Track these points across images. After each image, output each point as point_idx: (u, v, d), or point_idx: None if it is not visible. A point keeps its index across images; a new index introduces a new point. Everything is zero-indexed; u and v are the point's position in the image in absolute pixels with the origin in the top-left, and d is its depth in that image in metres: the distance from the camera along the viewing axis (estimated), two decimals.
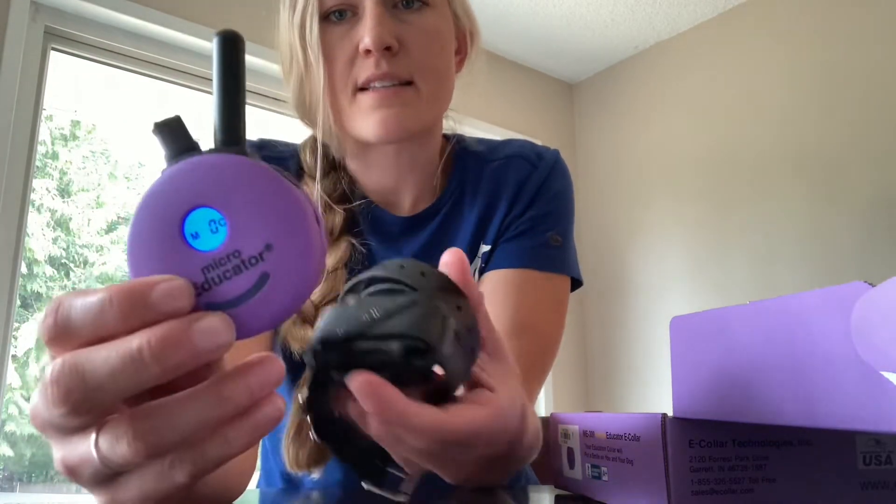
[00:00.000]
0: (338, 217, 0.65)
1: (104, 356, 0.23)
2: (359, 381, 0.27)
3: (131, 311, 0.23)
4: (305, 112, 0.66)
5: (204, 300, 0.24)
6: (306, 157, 0.69)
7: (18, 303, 1.85)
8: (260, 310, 0.24)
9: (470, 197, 0.70)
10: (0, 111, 1.76)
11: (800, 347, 0.25)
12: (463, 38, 0.70)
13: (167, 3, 2.04)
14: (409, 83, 0.60)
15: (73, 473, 0.25)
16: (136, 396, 0.25)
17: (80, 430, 0.24)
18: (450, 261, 0.33)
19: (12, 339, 1.78)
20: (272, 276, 0.24)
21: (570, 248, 0.70)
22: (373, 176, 0.69)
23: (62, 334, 0.24)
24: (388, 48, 0.59)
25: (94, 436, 0.24)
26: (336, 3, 0.60)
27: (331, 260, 0.63)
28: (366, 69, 0.59)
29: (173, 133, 0.25)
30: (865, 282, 0.22)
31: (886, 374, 0.21)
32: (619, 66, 3.10)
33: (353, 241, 0.65)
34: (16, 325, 1.81)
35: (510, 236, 0.68)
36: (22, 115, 1.83)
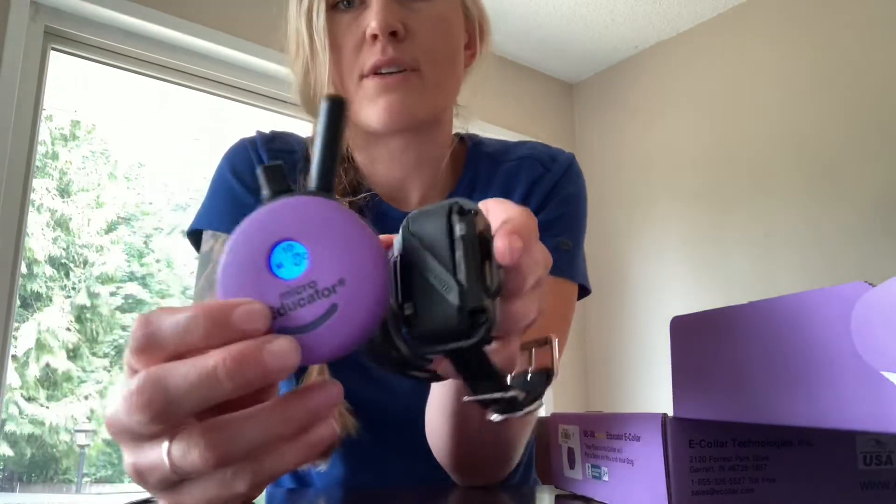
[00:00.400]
0: None
1: (184, 371, 0.24)
2: (502, 240, 0.27)
3: (213, 329, 0.25)
4: (309, 101, 0.66)
5: (277, 324, 0.26)
6: (313, 149, 0.69)
7: (18, 303, 1.85)
8: (326, 337, 0.26)
9: (480, 196, 0.69)
10: (0, 111, 1.76)
11: (800, 347, 0.25)
12: (473, 32, 0.70)
13: (167, 3, 2.04)
14: (414, 70, 0.60)
15: (142, 477, 0.27)
16: (204, 410, 0.27)
17: (153, 437, 0.26)
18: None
19: (12, 339, 1.78)
20: (340, 307, 0.26)
21: (580, 254, 0.69)
22: (379, 169, 0.68)
23: (150, 347, 0.26)
24: (394, 33, 0.59)
25: (166, 444, 0.26)
26: None
27: None
28: (372, 55, 0.59)
29: (274, 176, 0.29)
30: (865, 282, 0.22)
31: (886, 374, 0.21)
32: (619, 66, 3.10)
33: None
34: (16, 325, 1.81)
35: None
36: (22, 115, 1.83)
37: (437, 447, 0.54)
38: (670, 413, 0.34)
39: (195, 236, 0.68)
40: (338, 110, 0.29)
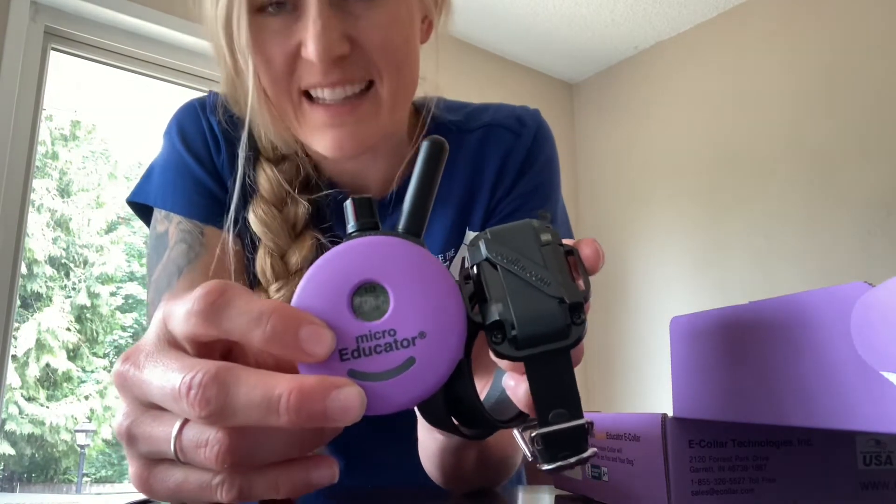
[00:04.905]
0: (300, 209, 0.58)
1: (251, 386, 0.24)
2: (590, 246, 0.29)
3: (280, 335, 0.24)
4: (241, 112, 0.58)
5: (349, 366, 0.25)
6: (262, 140, 0.60)
7: (18, 303, 1.85)
8: (397, 390, 0.25)
9: (447, 175, 0.62)
10: (0, 111, 1.76)
11: (800, 347, 0.25)
12: (429, 4, 0.60)
13: (167, 3, 2.04)
14: (367, 86, 0.52)
15: (132, 441, 0.26)
16: None
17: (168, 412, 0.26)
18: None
19: (12, 339, 1.78)
20: (418, 362, 0.25)
21: (559, 216, 0.65)
22: (334, 164, 0.61)
23: (211, 318, 0.25)
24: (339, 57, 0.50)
25: (178, 423, 0.25)
26: None
27: (294, 258, 0.57)
28: (310, 75, 0.51)
29: (363, 209, 0.28)
30: (865, 282, 0.22)
31: (886, 374, 0.21)
32: (619, 66, 3.10)
33: (320, 237, 0.59)
34: (16, 325, 1.81)
35: (499, 219, 0.62)
36: (22, 115, 1.83)
37: (433, 478, 0.53)
38: (670, 413, 0.34)
39: (140, 206, 0.63)
40: (437, 155, 0.29)
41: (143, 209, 0.64)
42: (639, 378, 2.80)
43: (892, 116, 2.23)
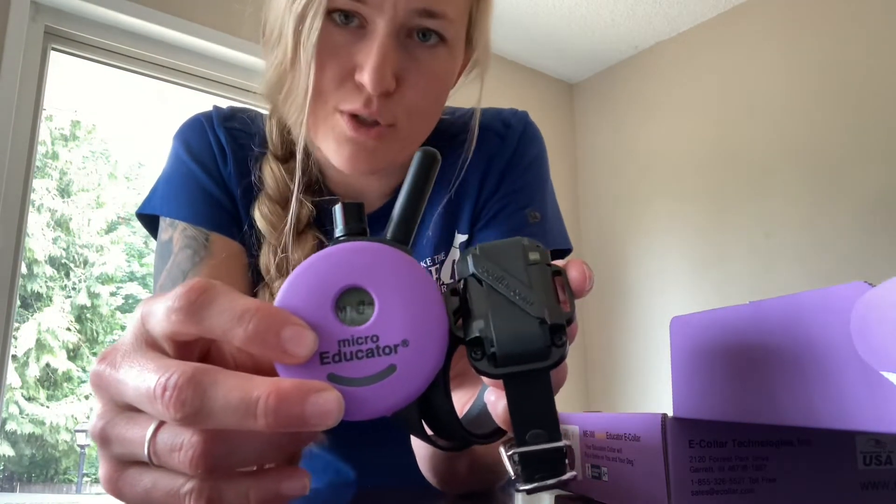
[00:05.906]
0: (304, 209, 0.60)
1: (228, 388, 0.23)
2: (578, 268, 0.28)
3: (262, 335, 0.24)
4: (276, 101, 0.60)
5: (329, 370, 0.25)
6: (272, 137, 0.62)
7: (18, 303, 1.85)
8: (375, 396, 0.25)
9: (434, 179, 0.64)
10: (0, 111, 1.76)
11: (800, 347, 0.25)
12: (468, 60, 0.63)
13: (167, 3, 2.04)
14: (391, 125, 0.55)
15: (105, 441, 0.26)
16: None
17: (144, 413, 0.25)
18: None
19: (12, 339, 1.78)
20: (399, 370, 0.25)
21: (550, 218, 0.65)
22: (336, 173, 0.63)
23: (193, 315, 0.24)
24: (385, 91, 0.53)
25: (153, 426, 0.25)
26: (347, 5, 0.52)
27: (297, 255, 0.59)
28: (353, 101, 0.53)
29: (352, 214, 0.28)
30: (865, 282, 0.22)
31: (886, 374, 0.21)
32: (619, 66, 3.10)
33: (321, 236, 0.60)
34: (16, 325, 1.81)
35: (486, 220, 0.63)
36: (22, 115, 1.83)
37: (428, 480, 0.54)
38: (670, 413, 0.34)
39: (148, 218, 0.64)
40: (429, 166, 0.30)
41: (150, 223, 0.65)
42: (639, 378, 2.80)
43: (892, 116, 2.23)
